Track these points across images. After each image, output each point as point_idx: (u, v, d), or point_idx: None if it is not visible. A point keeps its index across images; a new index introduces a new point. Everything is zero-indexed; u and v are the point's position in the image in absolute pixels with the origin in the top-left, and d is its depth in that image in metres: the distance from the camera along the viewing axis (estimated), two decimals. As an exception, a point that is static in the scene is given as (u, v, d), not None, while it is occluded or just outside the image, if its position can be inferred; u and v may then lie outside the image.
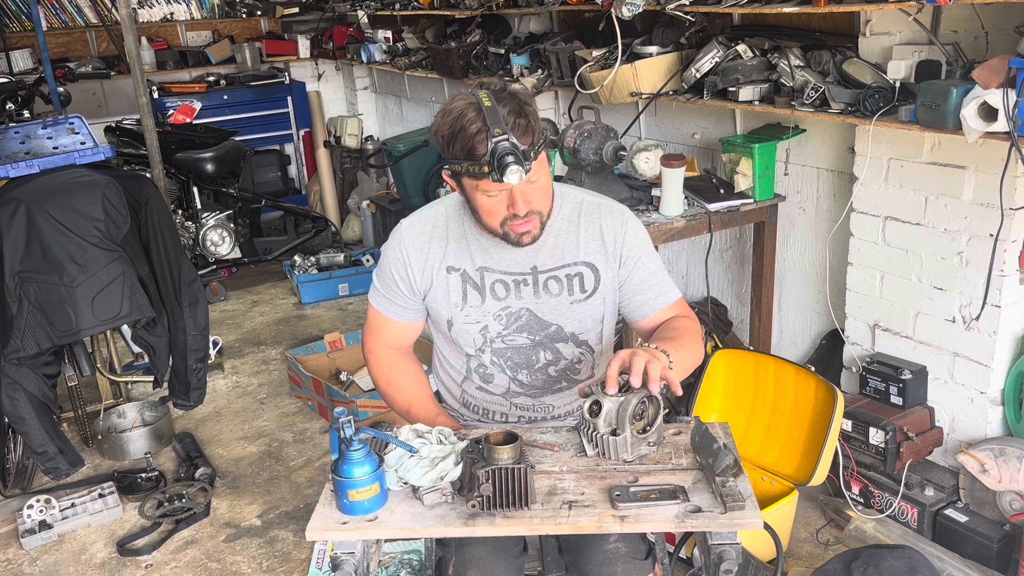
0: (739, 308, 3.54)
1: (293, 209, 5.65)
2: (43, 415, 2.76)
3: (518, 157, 1.56)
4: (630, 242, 1.81)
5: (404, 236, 1.83)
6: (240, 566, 2.73)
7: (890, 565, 1.99)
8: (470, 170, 1.60)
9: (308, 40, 6.30)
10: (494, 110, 1.57)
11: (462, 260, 1.80)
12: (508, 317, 1.80)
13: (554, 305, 1.81)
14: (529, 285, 1.80)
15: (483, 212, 1.68)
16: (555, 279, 1.80)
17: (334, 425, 1.46)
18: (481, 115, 1.57)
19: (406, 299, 1.85)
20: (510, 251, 1.77)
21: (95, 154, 2.94)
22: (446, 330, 1.84)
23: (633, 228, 1.84)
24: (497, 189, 1.62)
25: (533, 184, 1.65)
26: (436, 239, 1.81)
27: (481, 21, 4.33)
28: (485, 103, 1.58)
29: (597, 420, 1.56)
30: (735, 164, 3.02)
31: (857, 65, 2.58)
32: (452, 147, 1.62)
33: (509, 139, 1.56)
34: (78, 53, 5.93)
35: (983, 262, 2.43)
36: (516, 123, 1.59)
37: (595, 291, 1.81)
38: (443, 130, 1.62)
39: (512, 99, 1.62)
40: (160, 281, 2.94)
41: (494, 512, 1.45)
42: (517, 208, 1.65)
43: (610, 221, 1.82)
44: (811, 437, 2.61)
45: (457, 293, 1.80)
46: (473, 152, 1.58)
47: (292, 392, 3.88)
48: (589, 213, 1.82)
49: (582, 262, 1.81)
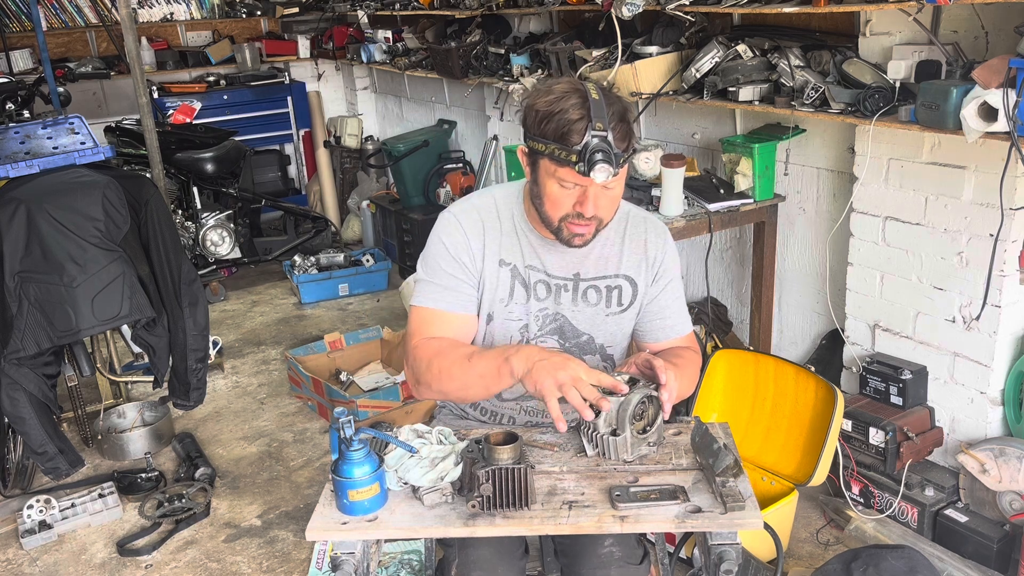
0: (739, 308, 3.54)
1: (293, 209, 5.65)
2: (43, 415, 2.76)
3: (610, 157, 1.53)
4: (668, 263, 1.82)
5: (460, 218, 1.76)
6: (240, 566, 2.73)
7: (890, 565, 1.99)
8: (556, 154, 1.56)
9: (308, 40, 6.30)
10: (601, 105, 1.55)
11: (513, 255, 1.77)
12: (544, 318, 1.78)
13: (590, 315, 1.79)
14: (569, 291, 1.78)
15: (548, 200, 1.64)
16: (595, 289, 1.79)
17: (334, 425, 1.46)
18: (586, 104, 1.54)
19: (465, 284, 1.74)
20: (557, 254, 1.76)
21: (95, 154, 2.94)
22: (483, 324, 1.79)
23: (672, 249, 1.84)
24: (575, 182, 1.59)
25: (608, 191, 1.62)
26: (490, 228, 1.76)
27: (481, 21, 4.33)
28: (593, 95, 1.55)
29: (597, 420, 1.56)
30: (735, 164, 3.02)
31: (857, 65, 2.58)
32: (544, 125, 1.57)
33: (607, 137, 1.53)
34: (78, 53, 5.93)
35: (983, 262, 2.43)
36: (618, 126, 1.56)
37: (631, 305, 1.81)
38: (540, 106, 1.58)
39: (619, 102, 1.59)
40: (160, 281, 2.94)
41: (494, 512, 1.45)
42: (585, 208, 1.61)
43: (655, 237, 1.82)
44: (811, 437, 2.61)
45: (505, 287, 1.76)
46: (567, 138, 1.55)
47: (292, 392, 3.88)
48: (635, 226, 1.82)
49: (623, 275, 1.80)
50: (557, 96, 1.57)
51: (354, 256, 5.34)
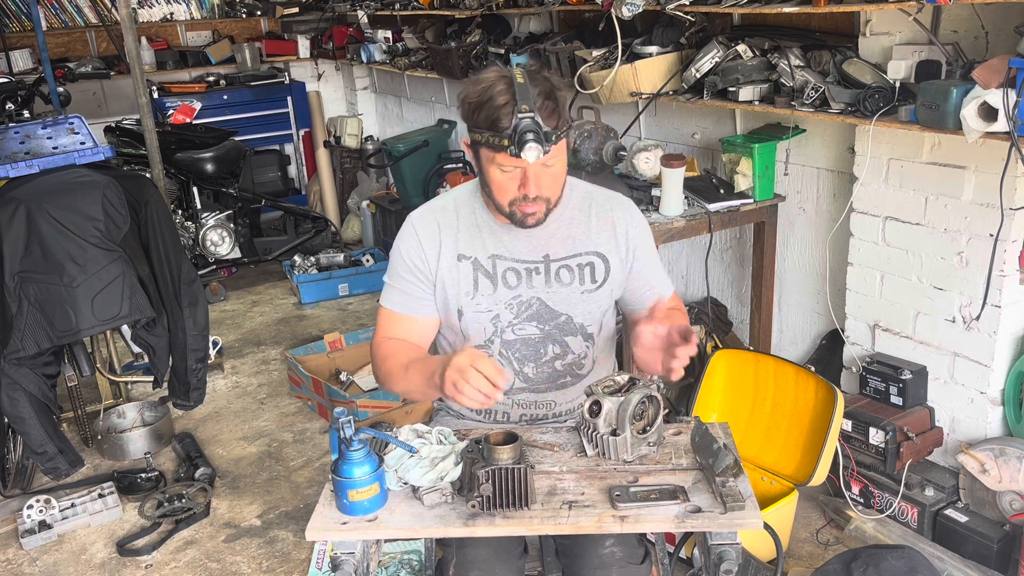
0: (739, 308, 3.54)
1: (293, 209, 5.65)
2: (43, 415, 2.76)
3: (539, 136, 1.58)
4: (639, 233, 1.87)
5: (415, 223, 1.84)
6: (240, 566, 2.73)
7: (890, 565, 1.99)
8: (490, 141, 1.62)
9: (308, 40, 6.30)
10: (525, 87, 1.60)
11: (473, 248, 1.81)
12: (519, 306, 1.82)
13: (565, 295, 1.83)
14: (541, 274, 1.81)
15: (495, 186, 1.70)
16: (567, 268, 1.82)
17: (334, 425, 1.46)
18: (511, 89, 1.60)
19: (422, 289, 1.83)
20: (523, 239, 1.80)
21: (95, 154, 2.94)
22: (456, 321, 1.83)
23: (640, 221, 1.89)
24: (512, 165, 1.64)
25: (548, 168, 1.67)
26: (446, 226, 1.82)
27: (481, 21, 4.33)
28: (518, 79, 1.60)
29: (597, 420, 1.56)
30: (735, 164, 3.02)
31: (857, 65, 2.58)
32: (476, 115, 1.63)
33: (534, 117, 1.58)
34: (78, 53, 5.93)
35: (983, 262, 2.43)
36: (544, 104, 1.61)
37: (605, 281, 1.85)
38: (471, 97, 1.64)
39: (545, 82, 1.64)
40: (160, 281, 2.94)
41: (494, 512, 1.45)
42: (527, 189, 1.67)
43: (621, 213, 1.87)
44: (811, 437, 2.61)
45: (468, 281, 1.81)
46: (496, 124, 1.60)
47: (292, 392, 3.88)
48: (600, 204, 1.86)
49: (593, 252, 1.84)
50: (485, 86, 1.63)
51: (354, 256, 5.34)
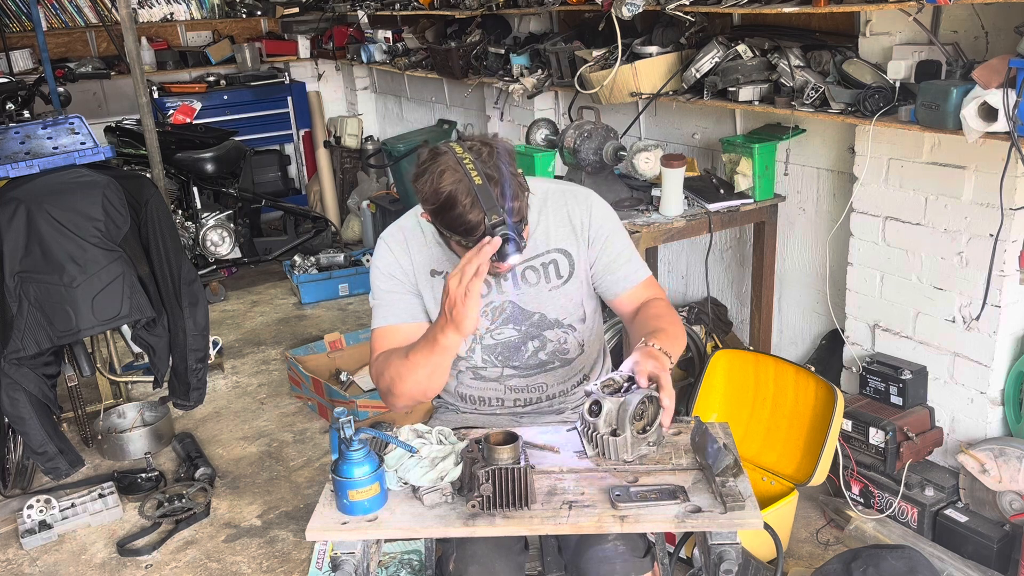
0: (739, 308, 3.54)
1: (293, 209, 5.65)
2: (43, 415, 2.76)
3: (517, 244, 1.56)
4: (596, 223, 1.86)
5: (387, 241, 1.88)
6: (240, 566, 2.73)
7: (890, 565, 1.99)
8: (463, 243, 1.61)
9: (308, 40, 6.30)
10: (486, 188, 1.54)
11: (444, 263, 1.84)
12: (493, 312, 1.86)
13: (534, 294, 1.86)
14: (508, 279, 1.84)
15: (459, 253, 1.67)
16: (531, 268, 1.86)
17: (334, 425, 1.47)
18: (471, 191, 1.54)
19: (404, 294, 1.84)
20: None
21: (95, 154, 2.95)
22: None
23: (599, 209, 1.88)
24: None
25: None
26: (414, 243, 1.85)
27: (481, 21, 4.33)
28: (475, 180, 1.54)
29: (597, 420, 1.56)
30: (735, 164, 3.02)
31: (857, 65, 2.58)
32: (441, 218, 1.60)
33: (506, 221, 1.54)
34: (78, 53, 5.93)
35: (983, 262, 2.43)
36: (505, 192, 1.56)
37: (571, 275, 1.87)
38: (429, 200, 1.60)
39: (497, 170, 1.57)
40: (160, 281, 2.94)
41: (494, 512, 1.45)
42: (504, 271, 1.72)
43: (575, 206, 1.87)
44: (811, 437, 2.61)
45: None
46: (469, 234, 1.58)
47: (292, 392, 3.88)
48: (555, 201, 1.87)
49: (554, 249, 1.86)
50: (446, 195, 1.56)
51: (354, 256, 5.34)
